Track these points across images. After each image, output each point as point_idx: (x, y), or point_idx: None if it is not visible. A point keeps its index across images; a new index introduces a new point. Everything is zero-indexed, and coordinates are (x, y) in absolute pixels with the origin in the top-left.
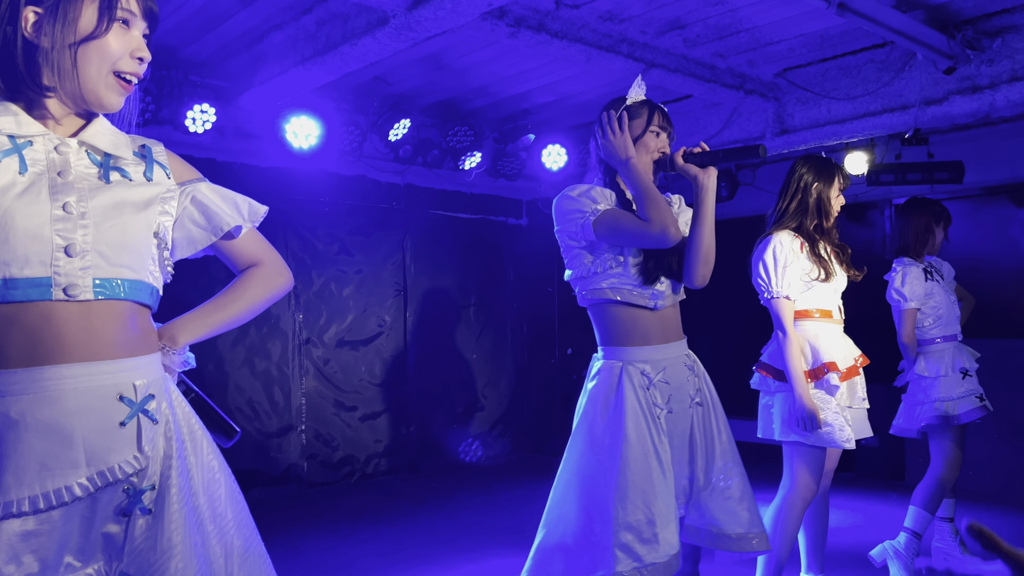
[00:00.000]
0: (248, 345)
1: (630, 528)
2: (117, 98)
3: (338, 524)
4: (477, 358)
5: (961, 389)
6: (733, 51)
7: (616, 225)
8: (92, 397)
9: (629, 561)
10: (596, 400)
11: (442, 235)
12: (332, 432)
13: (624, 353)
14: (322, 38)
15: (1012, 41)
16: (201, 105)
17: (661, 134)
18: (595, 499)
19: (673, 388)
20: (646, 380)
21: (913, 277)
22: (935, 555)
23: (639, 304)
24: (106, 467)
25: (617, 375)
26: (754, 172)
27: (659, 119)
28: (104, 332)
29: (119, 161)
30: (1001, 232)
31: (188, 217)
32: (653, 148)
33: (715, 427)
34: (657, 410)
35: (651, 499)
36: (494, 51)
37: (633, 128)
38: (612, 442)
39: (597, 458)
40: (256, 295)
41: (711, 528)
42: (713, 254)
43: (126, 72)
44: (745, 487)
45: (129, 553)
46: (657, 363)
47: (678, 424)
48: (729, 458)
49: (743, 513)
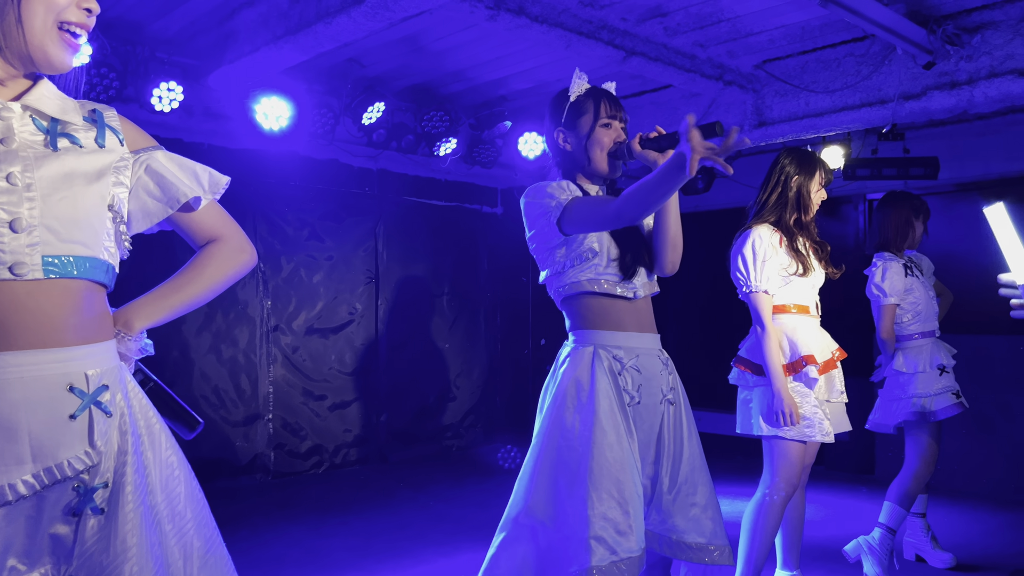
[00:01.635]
0: (214, 331)
1: (606, 519)
2: (64, 54)
3: (306, 516)
4: (450, 347)
5: (938, 385)
6: (714, 41)
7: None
8: (39, 387)
9: (605, 553)
10: (566, 385)
11: (416, 222)
12: (300, 421)
13: (596, 337)
14: (295, 16)
15: (991, 37)
16: (168, 83)
17: (612, 124)
18: (566, 488)
19: (645, 379)
20: (619, 365)
21: (893, 272)
22: (907, 550)
23: (617, 295)
24: (54, 463)
25: (589, 359)
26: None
27: (607, 109)
28: (54, 315)
29: (67, 127)
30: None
31: (143, 187)
32: (607, 142)
33: (685, 430)
34: (627, 397)
35: (625, 489)
36: (472, 34)
37: (581, 125)
38: (584, 428)
39: (568, 445)
40: (217, 273)
41: (671, 535)
42: (681, 240)
43: (73, 23)
44: (711, 496)
45: (79, 556)
46: (631, 350)
47: (646, 418)
48: (696, 464)
49: (706, 523)
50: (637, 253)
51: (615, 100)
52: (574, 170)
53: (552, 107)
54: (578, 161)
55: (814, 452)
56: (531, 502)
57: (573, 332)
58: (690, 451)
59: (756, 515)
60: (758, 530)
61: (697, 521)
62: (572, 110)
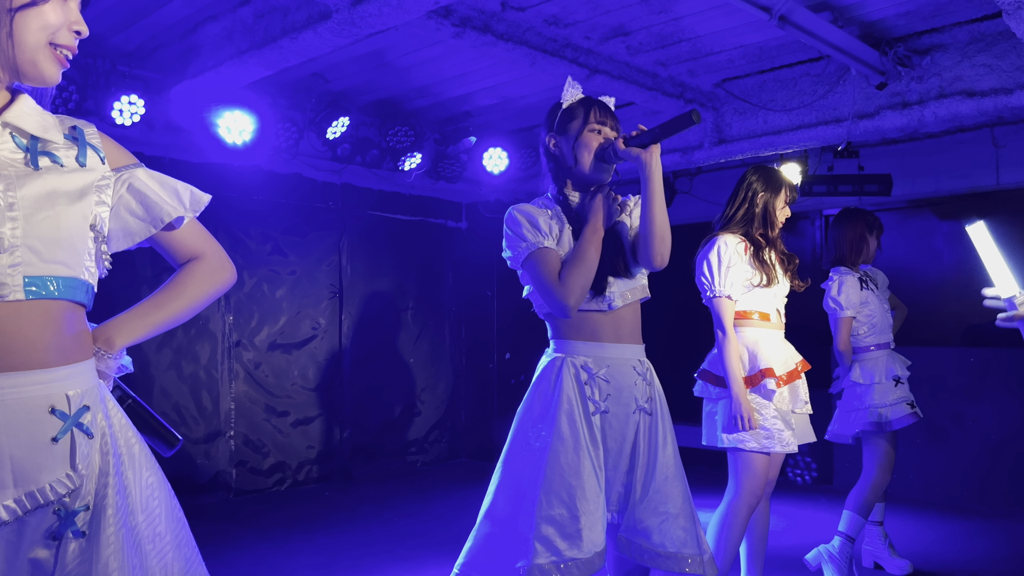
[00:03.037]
0: (175, 347)
1: (552, 521)
2: (55, 70)
3: (269, 533)
4: (415, 362)
5: (894, 396)
6: (675, 60)
7: (536, 273)
8: (21, 411)
9: (548, 554)
10: (535, 392)
11: (380, 236)
12: (262, 438)
13: (569, 346)
14: (260, 31)
15: (940, 59)
16: (129, 96)
17: (602, 130)
18: (522, 489)
19: (614, 388)
20: (586, 374)
21: (849, 286)
22: (865, 557)
23: (592, 309)
24: (36, 488)
25: (558, 368)
26: (691, 180)
27: (596, 115)
28: (35, 337)
29: (48, 145)
30: (925, 244)
31: (125, 207)
32: (594, 145)
33: (660, 439)
34: (592, 406)
35: (577, 495)
36: (438, 51)
37: (571, 131)
38: (544, 434)
39: (528, 449)
40: (198, 291)
41: (642, 543)
42: (668, 232)
43: (63, 45)
44: (686, 505)
45: None
46: (601, 360)
47: (616, 427)
48: (671, 473)
49: (678, 531)
50: (609, 268)
51: (606, 108)
52: (563, 175)
53: (547, 116)
54: (566, 165)
55: (778, 463)
56: (495, 500)
57: (552, 340)
58: (663, 460)
59: (721, 525)
60: (723, 540)
61: (668, 530)
62: (564, 116)
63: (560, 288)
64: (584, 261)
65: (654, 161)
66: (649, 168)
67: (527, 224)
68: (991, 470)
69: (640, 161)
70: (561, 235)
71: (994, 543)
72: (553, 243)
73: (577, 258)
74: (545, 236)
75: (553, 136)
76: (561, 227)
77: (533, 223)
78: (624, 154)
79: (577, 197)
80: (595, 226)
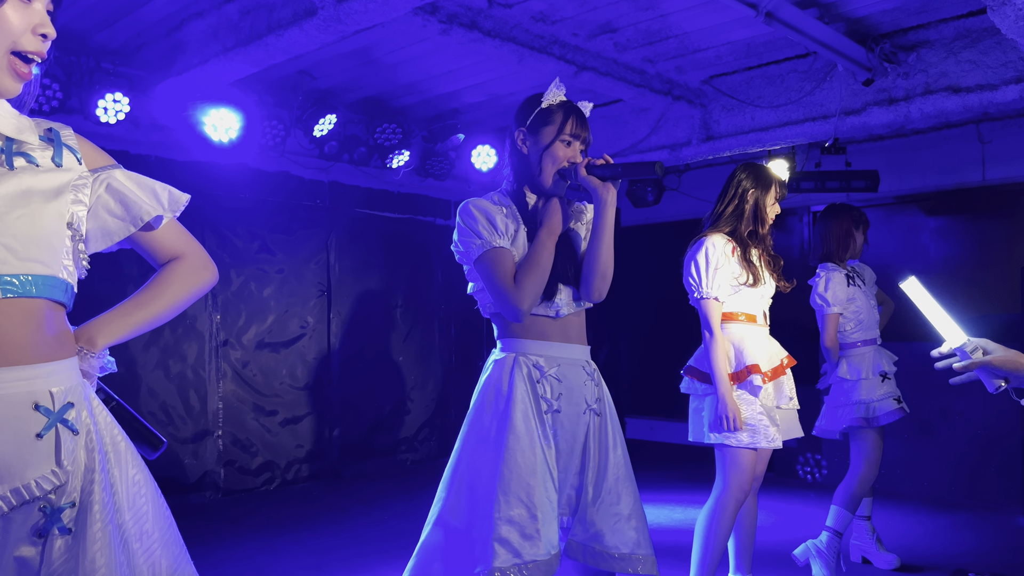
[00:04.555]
0: (162, 347)
1: (512, 522)
2: (14, 83)
3: (258, 533)
4: (404, 360)
5: (881, 391)
6: (662, 57)
7: (489, 274)
8: (4, 407)
9: (509, 556)
10: (486, 391)
11: (368, 234)
12: (251, 437)
13: (518, 345)
14: (246, 28)
15: (926, 55)
16: (114, 94)
17: (573, 143)
18: (478, 491)
19: (565, 388)
20: (538, 372)
21: (836, 283)
22: (853, 552)
23: (540, 314)
24: (21, 484)
25: (509, 366)
26: (679, 177)
27: (572, 126)
28: (15, 334)
29: (23, 146)
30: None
31: (103, 206)
32: (561, 158)
33: (610, 440)
34: (544, 404)
35: (535, 494)
36: (425, 48)
37: (543, 135)
38: (498, 433)
39: (483, 449)
40: (180, 291)
41: (594, 545)
42: (611, 269)
43: (28, 51)
44: (636, 506)
45: None
46: (552, 359)
47: (567, 427)
48: (621, 474)
49: (630, 532)
50: (560, 274)
51: (583, 120)
52: (524, 176)
53: (521, 107)
54: (530, 169)
55: (766, 459)
56: (448, 504)
57: (500, 340)
58: (615, 461)
59: (709, 521)
60: (711, 536)
61: (621, 531)
62: (539, 117)
63: (514, 292)
64: (538, 265)
65: (610, 197)
66: (604, 203)
67: (484, 221)
68: (978, 464)
69: (596, 194)
70: (516, 236)
71: (981, 537)
72: (508, 243)
73: (531, 262)
74: (501, 235)
75: (523, 133)
76: (516, 227)
77: (490, 220)
78: (584, 182)
79: (533, 199)
80: (550, 229)
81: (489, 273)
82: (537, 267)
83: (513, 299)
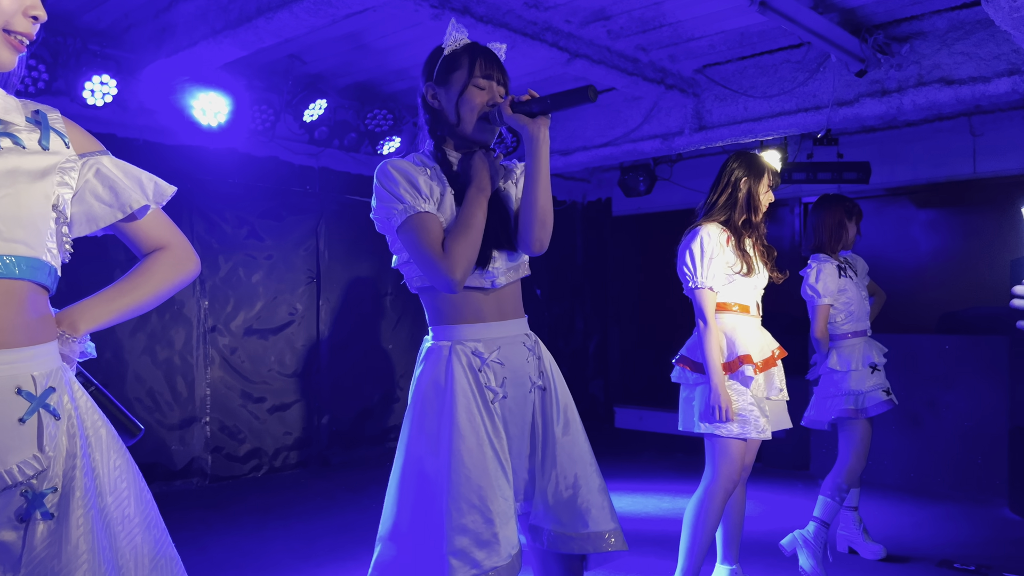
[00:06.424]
0: (149, 332)
1: (465, 531)
2: (10, 55)
3: (245, 520)
4: (393, 348)
5: (870, 383)
6: (655, 45)
7: (415, 242)
8: None
9: (467, 568)
10: (423, 387)
11: (358, 221)
12: (238, 424)
13: (454, 332)
14: (235, 10)
15: (919, 47)
16: (101, 76)
17: (489, 85)
18: (425, 500)
19: (509, 371)
20: (478, 360)
21: (827, 274)
22: (840, 542)
23: (474, 286)
24: (3, 469)
25: (446, 357)
26: (671, 167)
27: (482, 67)
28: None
29: (9, 127)
30: (902, 232)
31: (90, 191)
32: (478, 103)
33: (555, 413)
34: (490, 394)
35: (488, 495)
36: (416, 33)
37: (453, 82)
38: (442, 433)
39: (426, 452)
40: (163, 280)
41: (552, 527)
42: (551, 216)
43: (19, 32)
44: (592, 479)
45: (28, 564)
46: (491, 342)
47: (516, 411)
48: (575, 451)
49: (588, 510)
50: (493, 239)
51: (493, 59)
52: (441, 132)
53: (425, 64)
54: (446, 122)
55: (755, 449)
56: (397, 518)
57: (432, 327)
58: (564, 436)
59: (697, 511)
60: (699, 525)
61: (577, 510)
62: (444, 65)
63: (444, 260)
64: (471, 228)
65: (542, 134)
66: (536, 141)
67: (405, 183)
68: (965, 456)
69: (526, 132)
70: (442, 199)
71: (967, 528)
72: (434, 207)
73: (462, 224)
74: (425, 199)
75: (432, 87)
76: (443, 189)
77: (412, 182)
78: (510, 120)
79: (457, 157)
80: (480, 186)
81: (415, 242)
82: (469, 230)
83: (443, 268)
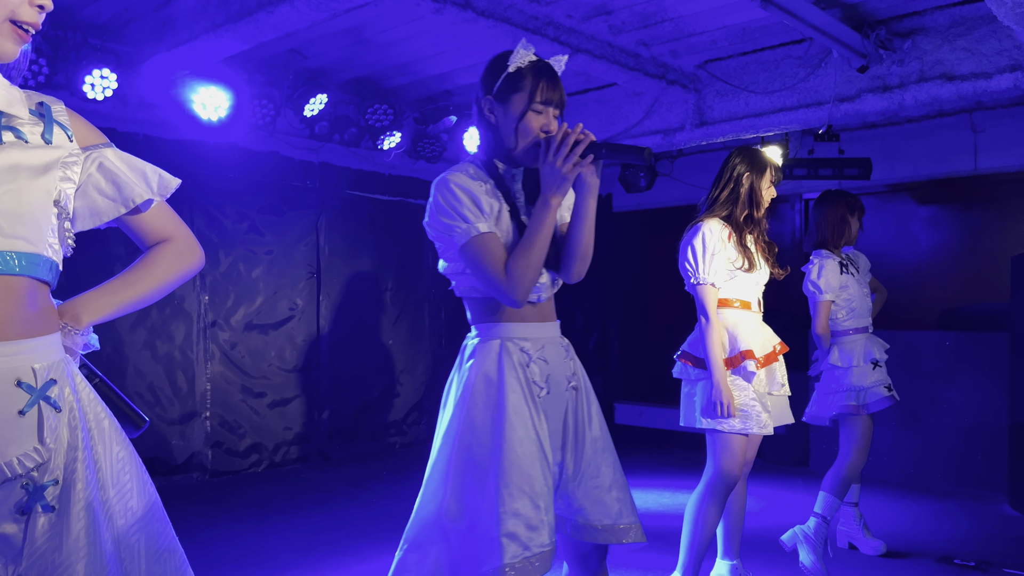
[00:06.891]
0: (149, 327)
1: (517, 515)
2: (14, 46)
3: (245, 515)
4: (394, 343)
5: (871, 379)
6: (657, 40)
7: (479, 263)
8: None
9: (518, 550)
10: (473, 381)
11: (358, 216)
12: (239, 419)
13: (501, 329)
14: (236, 4)
15: (922, 43)
16: (101, 70)
17: (546, 110)
18: (478, 486)
19: (552, 368)
20: (526, 357)
21: (829, 270)
22: (840, 538)
23: None
24: (3, 461)
25: (496, 353)
26: (672, 163)
27: (543, 92)
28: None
29: (12, 120)
30: (903, 228)
31: (94, 186)
32: (535, 130)
33: (587, 413)
34: (536, 388)
35: (536, 483)
36: (418, 27)
37: (513, 104)
38: (495, 424)
39: (479, 442)
40: (166, 273)
41: (577, 518)
42: (591, 251)
43: (25, 22)
44: (616, 476)
45: (29, 556)
46: (536, 340)
47: (554, 407)
48: (600, 446)
49: (612, 504)
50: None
51: (555, 82)
52: (496, 147)
53: (486, 71)
54: (501, 142)
55: (756, 445)
56: (444, 503)
57: (476, 325)
58: (593, 434)
59: (698, 506)
60: (700, 520)
61: (602, 503)
62: (506, 83)
63: (508, 283)
64: (534, 247)
65: (593, 179)
66: (588, 186)
67: (468, 202)
68: (965, 452)
69: (581, 178)
70: (500, 215)
71: (967, 524)
72: (493, 225)
73: (528, 243)
74: (487, 217)
75: (490, 101)
76: (500, 205)
77: (475, 200)
78: None
79: (503, 168)
80: (547, 201)
81: (478, 263)
82: (532, 249)
83: (507, 290)
